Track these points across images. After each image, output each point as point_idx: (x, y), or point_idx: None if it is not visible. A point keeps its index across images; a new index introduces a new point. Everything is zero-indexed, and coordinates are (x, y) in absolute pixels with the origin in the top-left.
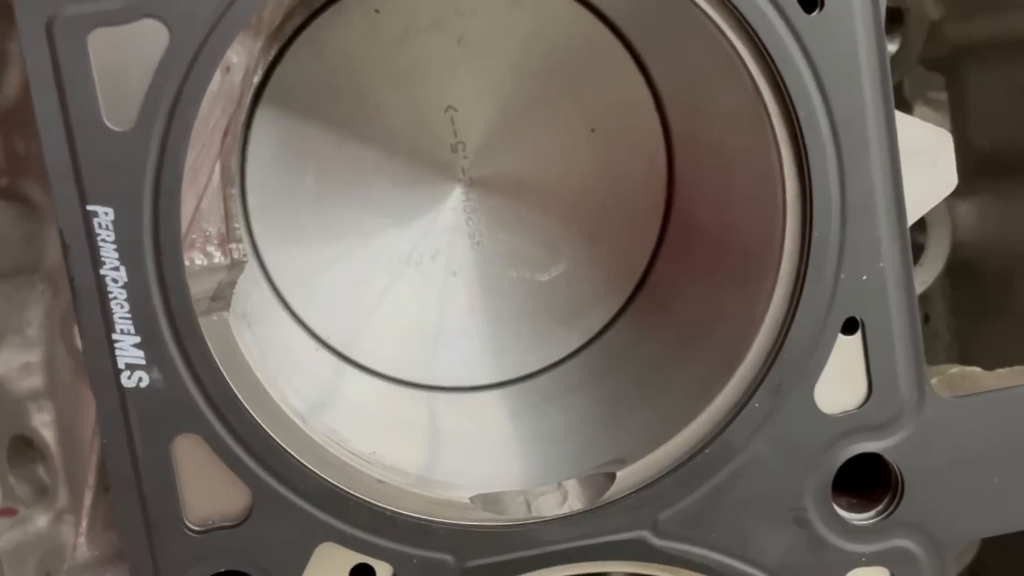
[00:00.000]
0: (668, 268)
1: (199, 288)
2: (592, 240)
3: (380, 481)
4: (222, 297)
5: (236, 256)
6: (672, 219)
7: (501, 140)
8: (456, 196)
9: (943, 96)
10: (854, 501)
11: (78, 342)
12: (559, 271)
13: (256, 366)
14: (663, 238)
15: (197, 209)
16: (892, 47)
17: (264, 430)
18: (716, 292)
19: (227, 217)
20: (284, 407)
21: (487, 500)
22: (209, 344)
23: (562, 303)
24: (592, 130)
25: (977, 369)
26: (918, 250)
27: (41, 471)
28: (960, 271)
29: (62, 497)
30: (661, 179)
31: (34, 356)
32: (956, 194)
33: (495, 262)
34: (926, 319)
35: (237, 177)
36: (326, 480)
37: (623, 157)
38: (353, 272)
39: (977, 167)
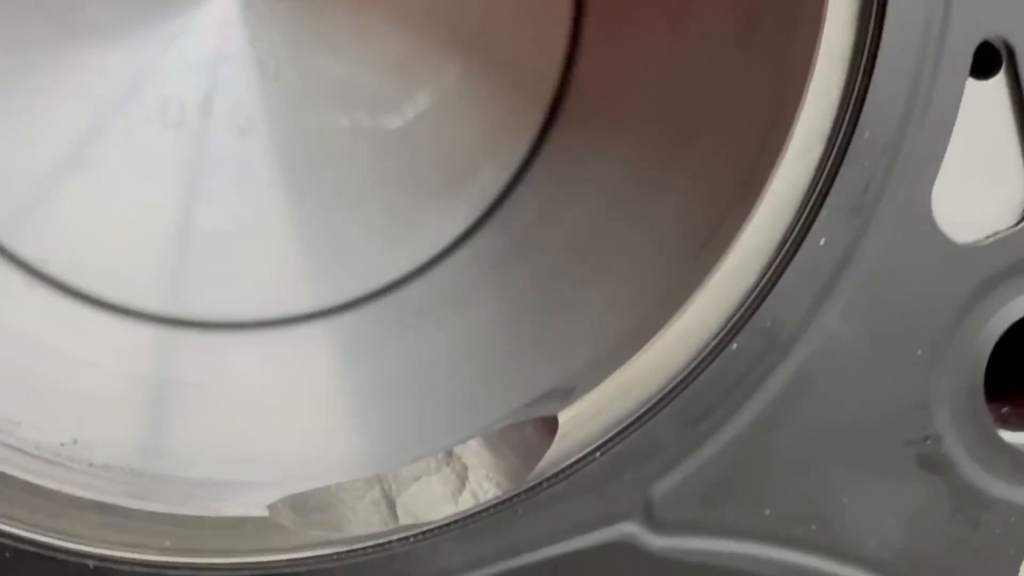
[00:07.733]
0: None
1: None
2: (471, 54)
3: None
4: None
5: None
6: None
7: None
8: None
9: None
10: (1007, 410)
11: None
12: (419, 111)
13: None
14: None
15: None
16: None
17: None
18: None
19: None
20: None
21: (304, 505)
22: None
23: (428, 162)
24: None
25: None
26: None
27: None
28: None
29: None
30: None
31: None
32: None
33: (310, 104)
34: None
35: None
36: None
37: None
38: (32, 130)
39: None
